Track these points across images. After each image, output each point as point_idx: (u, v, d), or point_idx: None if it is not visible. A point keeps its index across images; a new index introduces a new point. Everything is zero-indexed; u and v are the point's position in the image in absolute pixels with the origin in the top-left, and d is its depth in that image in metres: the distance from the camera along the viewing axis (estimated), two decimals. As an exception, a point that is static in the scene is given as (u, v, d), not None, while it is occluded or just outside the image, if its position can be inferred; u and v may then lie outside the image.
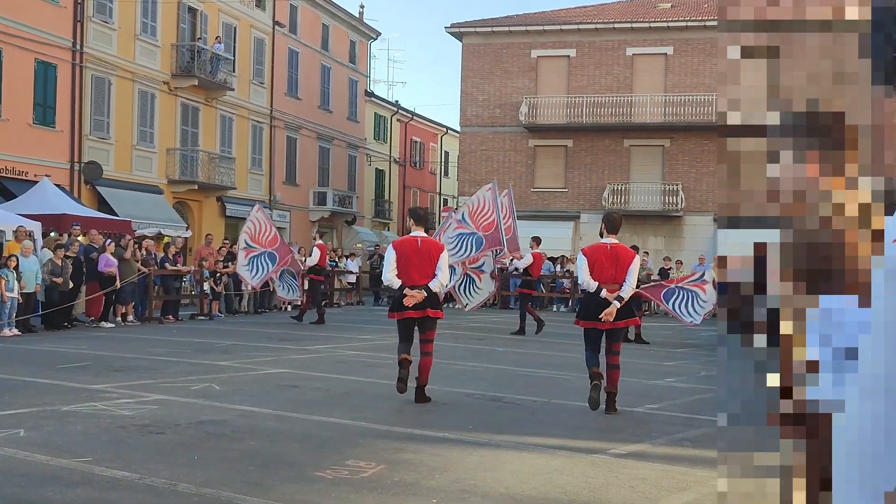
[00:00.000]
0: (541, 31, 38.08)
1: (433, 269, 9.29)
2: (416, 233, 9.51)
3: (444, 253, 9.55)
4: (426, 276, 9.26)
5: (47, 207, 21.40)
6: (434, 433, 7.78)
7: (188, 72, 31.96)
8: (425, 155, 56.75)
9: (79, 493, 5.51)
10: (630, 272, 9.09)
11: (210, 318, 21.57)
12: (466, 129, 39.34)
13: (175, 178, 31.92)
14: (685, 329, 22.46)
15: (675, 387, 11.60)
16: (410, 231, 9.63)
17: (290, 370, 11.82)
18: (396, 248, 9.48)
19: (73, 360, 12.11)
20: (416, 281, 9.23)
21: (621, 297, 9.02)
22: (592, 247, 9.46)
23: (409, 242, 9.47)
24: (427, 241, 9.54)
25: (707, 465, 6.92)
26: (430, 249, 9.43)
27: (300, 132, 41.02)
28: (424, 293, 9.18)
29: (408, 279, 9.25)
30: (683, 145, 36.72)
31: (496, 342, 16.81)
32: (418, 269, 9.27)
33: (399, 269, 9.31)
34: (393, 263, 9.34)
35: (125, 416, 8.09)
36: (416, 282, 9.23)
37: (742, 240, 1.55)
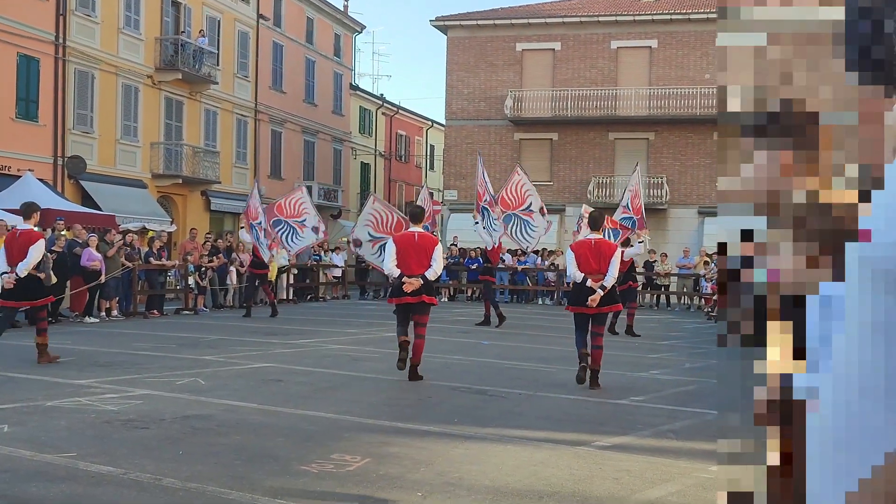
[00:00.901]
0: (526, 25, 38.08)
1: (429, 261, 10.51)
2: (414, 229, 10.85)
3: (438, 246, 10.81)
4: (422, 267, 10.47)
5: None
6: (419, 426, 7.80)
7: (172, 65, 31.80)
8: (411, 148, 56.69)
9: (63, 488, 5.50)
10: (612, 264, 10.38)
11: (195, 312, 21.52)
12: (452, 123, 39.33)
13: (159, 172, 31.78)
14: (670, 322, 22.57)
15: (660, 379, 11.65)
16: (410, 227, 10.98)
17: (276, 364, 11.81)
18: (397, 242, 10.76)
19: (57, 354, 12.05)
20: (414, 270, 10.44)
21: (604, 286, 10.29)
22: (578, 242, 10.89)
23: (408, 237, 10.77)
24: (423, 236, 10.81)
25: (691, 456, 6.97)
26: (426, 243, 10.69)
27: (285, 126, 40.91)
28: (421, 281, 10.38)
29: (406, 269, 10.45)
30: (668, 138, 36.81)
31: (481, 335, 16.84)
32: (416, 260, 10.48)
33: (399, 260, 10.50)
34: (393, 255, 10.54)
35: (110, 412, 8.08)
36: (413, 271, 10.44)
37: (737, 227, 1.56)
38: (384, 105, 51.98)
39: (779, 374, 1.43)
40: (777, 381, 1.43)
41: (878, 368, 1.34)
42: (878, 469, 1.36)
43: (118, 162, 30.16)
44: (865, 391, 1.35)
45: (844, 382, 1.36)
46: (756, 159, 1.47)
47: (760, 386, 1.46)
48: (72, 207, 22.93)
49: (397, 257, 10.52)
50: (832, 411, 1.37)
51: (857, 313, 1.38)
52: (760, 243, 1.55)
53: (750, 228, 1.53)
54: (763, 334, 1.50)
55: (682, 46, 36.64)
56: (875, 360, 1.34)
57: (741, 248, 1.57)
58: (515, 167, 19.39)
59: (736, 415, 1.56)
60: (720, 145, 1.64)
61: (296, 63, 41.81)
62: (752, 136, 1.49)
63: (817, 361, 1.42)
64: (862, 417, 1.35)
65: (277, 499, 5.37)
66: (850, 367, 1.37)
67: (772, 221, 1.50)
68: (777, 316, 1.49)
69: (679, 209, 36.53)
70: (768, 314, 1.51)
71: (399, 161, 54.79)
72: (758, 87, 1.49)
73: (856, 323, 1.37)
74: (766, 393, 1.43)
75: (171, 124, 32.76)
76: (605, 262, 10.37)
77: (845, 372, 1.37)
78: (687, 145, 36.57)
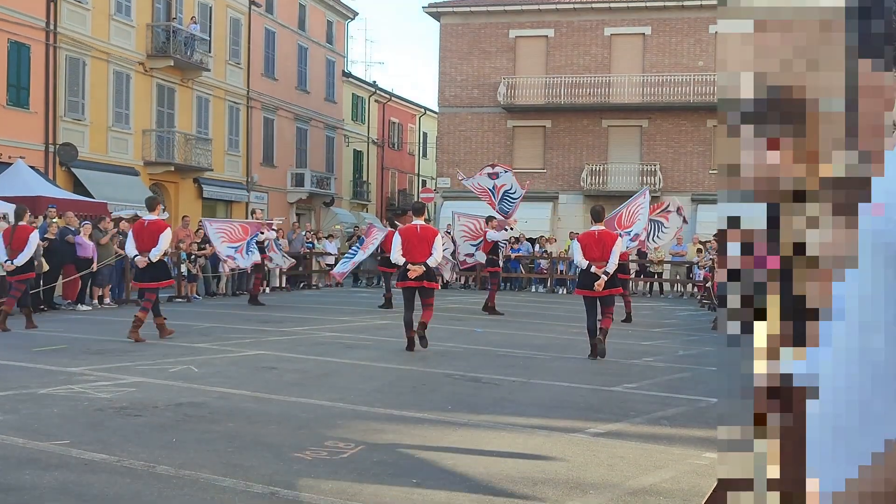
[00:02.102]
0: (519, 11, 37.98)
1: (430, 250, 12.01)
2: (417, 222, 12.29)
3: (438, 237, 12.31)
4: (424, 255, 12.00)
5: (22, 189, 21.18)
6: (413, 413, 7.80)
7: (164, 52, 31.66)
8: (403, 136, 56.60)
9: (56, 475, 5.49)
10: (613, 252, 11.79)
11: (188, 300, 21.48)
12: (445, 110, 39.26)
13: (151, 159, 31.69)
14: (663, 309, 22.62)
15: (654, 366, 11.67)
16: (413, 220, 12.43)
17: (269, 352, 11.80)
18: (402, 234, 12.29)
19: (49, 342, 12.04)
20: (417, 259, 12.00)
21: (607, 272, 11.73)
22: (584, 234, 12.38)
23: (412, 229, 12.22)
24: (425, 228, 12.30)
25: (684, 443, 6.98)
26: (428, 235, 12.19)
27: (277, 113, 40.80)
28: (423, 268, 11.97)
29: (410, 257, 12.00)
30: (661, 125, 36.80)
31: (475, 323, 16.84)
32: (418, 249, 11.99)
33: (404, 250, 12.04)
34: (399, 246, 12.10)
35: (103, 399, 8.06)
36: (416, 259, 12.00)
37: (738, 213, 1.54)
38: (377, 92, 51.85)
39: (779, 361, 1.41)
40: (777, 368, 1.41)
41: (880, 351, 1.32)
42: (879, 456, 1.35)
43: (110, 149, 30.05)
44: (866, 375, 1.33)
45: (845, 366, 1.35)
46: (755, 146, 1.45)
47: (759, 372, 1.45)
48: (63, 195, 22.84)
49: (402, 247, 12.02)
50: (832, 396, 1.35)
51: (857, 290, 1.36)
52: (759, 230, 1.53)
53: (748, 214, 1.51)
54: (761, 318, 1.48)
55: (675, 34, 36.61)
56: (877, 343, 1.33)
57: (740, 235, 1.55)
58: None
59: (735, 401, 1.55)
60: (720, 132, 1.63)
61: (288, 50, 41.67)
62: (752, 123, 1.47)
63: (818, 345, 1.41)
64: (862, 403, 1.34)
65: (271, 486, 5.36)
66: (850, 352, 1.36)
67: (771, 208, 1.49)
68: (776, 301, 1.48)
69: (672, 196, 36.50)
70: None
71: (392, 148, 54.70)
72: (758, 74, 1.47)
73: (856, 299, 1.35)
74: (766, 380, 1.42)
75: (163, 111, 32.64)
76: (608, 250, 11.76)
77: (845, 357, 1.35)
78: (680, 132, 36.57)
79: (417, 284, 12.08)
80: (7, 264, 13.95)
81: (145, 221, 13.34)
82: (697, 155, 36.33)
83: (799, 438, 1.42)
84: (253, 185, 38.33)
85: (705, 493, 1.71)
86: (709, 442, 6.86)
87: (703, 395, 9.22)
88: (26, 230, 14.10)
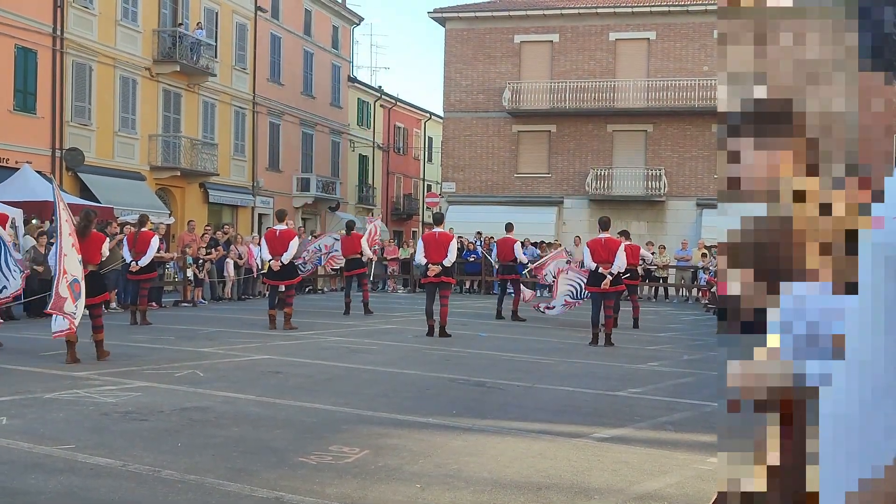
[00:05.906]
0: (524, 17, 38.01)
1: (446, 252, 14.52)
2: (437, 229, 15.02)
3: (453, 241, 14.92)
4: (441, 257, 14.51)
5: (29, 194, 21.25)
6: (418, 418, 7.80)
7: (170, 57, 31.74)
8: (409, 140, 56.63)
9: (62, 480, 5.50)
10: (617, 256, 14.04)
11: (193, 304, 21.51)
12: (450, 115, 39.28)
13: (157, 164, 31.75)
14: (669, 314, 22.59)
15: (658, 371, 11.66)
16: (433, 228, 15.23)
17: (274, 356, 11.81)
18: (424, 239, 15.06)
19: (55, 347, 12.06)
20: (435, 260, 14.55)
21: (612, 273, 14.06)
22: (593, 240, 14.65)
23: (431, 235, 14.95)
24: (442, 234, 14.89)
25: (689, 448, 6.98)
26: (444, 239, 14.74)
27: (283, 118, 40.86)
28: (440, 268, 14.50)
29: (431, 259, 14.57)
30: (666, 130, 36.78)
31: (479, 327, 16.84)
32: (437, 251, 14.55)
33: (425, 252, 14.64)
34: (422, 249, 14.80)
35: (108, 404, 8.08)
36: (435, 260, 14.54)
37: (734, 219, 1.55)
38: (382, 97, 51.90)
39: (792, 362, 1.42)
40: (790, 368, 1.42)
41: (892, 353, 1.33)
42: (879, 468, 1.36)
43: (116, 154, 30.12)
44: (879, 378, 1.34)
45: (858, 369, 1.36)
46: (756, 150, 1.47)
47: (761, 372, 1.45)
48: (70, 200, 22.87)
49: (425, 250, 14.64)
50: (846, 398, 1.36)
51: (870, 299, 1.37)
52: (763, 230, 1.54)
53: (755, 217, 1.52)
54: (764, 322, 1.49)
55: (680, 38, 36.60)
56: (889, 346, 1.34)
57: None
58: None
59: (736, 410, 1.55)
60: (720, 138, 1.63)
61: (294, 55, 41.74)
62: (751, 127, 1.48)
63: (801, 362, 1.41)
64: (876, 405, 1.35)
65: (276, 490, 5.37)
66: (863, 353, 1.37)
67: (772, 209, 1.50)
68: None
69: (677, 201, 36.53)
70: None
71: (397, 153, 54.74)
72: (758, 73, 1.48)
73: (869, 308, 1.36)
74: (779, 380, 1.43)
75: (169, 116, 32.71)
76: (612, 254, 14.01)
77: (858, 358, 1.36)
78: (685, 137, 36.55)
79: (437, 280, 14.58)
80: (133, 265, 16.33)
81: (277, 231, 15.57)
82: (702, 160, 36.30)
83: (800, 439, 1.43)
84: (258, 190, 38.37)
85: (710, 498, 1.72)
86: (714, 447, 6.85)
87: (708, 400, 9.21)
88: (148, 235, 16.47)
